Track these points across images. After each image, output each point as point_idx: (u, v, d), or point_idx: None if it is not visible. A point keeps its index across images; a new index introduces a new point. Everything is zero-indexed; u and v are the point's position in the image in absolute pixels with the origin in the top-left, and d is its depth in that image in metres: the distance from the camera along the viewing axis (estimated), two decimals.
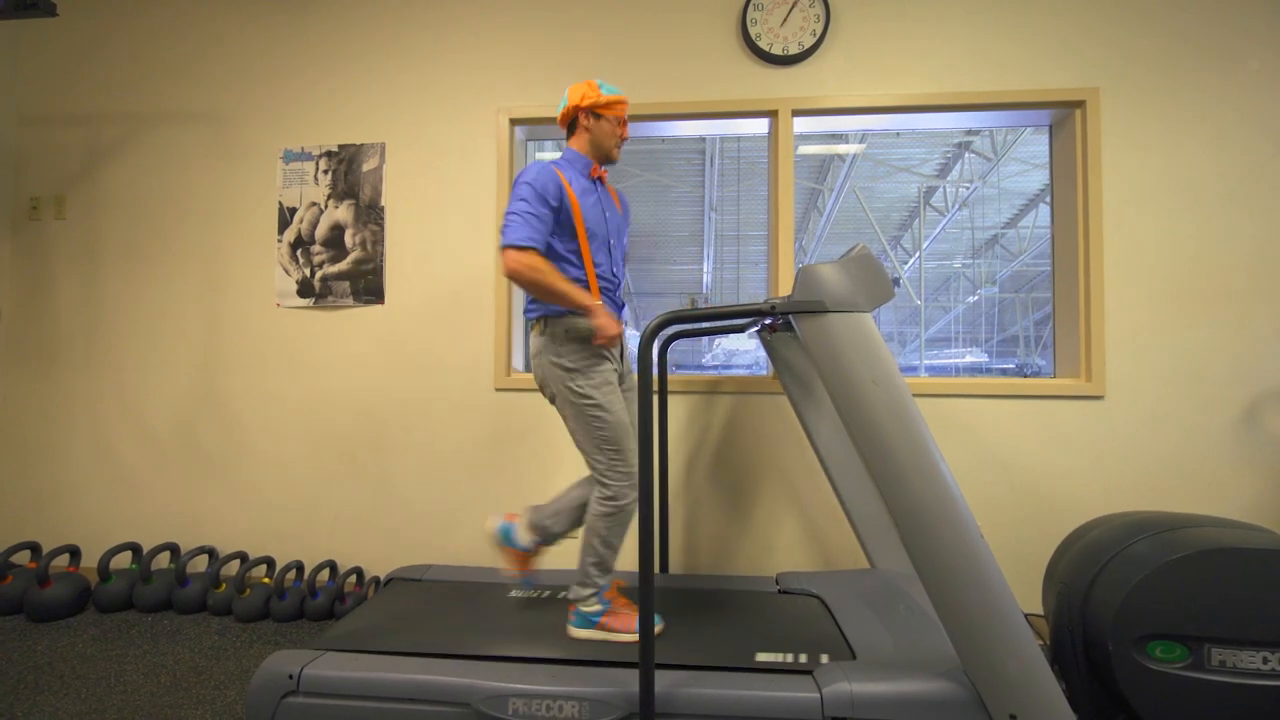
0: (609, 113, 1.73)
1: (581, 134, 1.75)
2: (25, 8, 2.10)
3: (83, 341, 2.62)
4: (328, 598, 2.28)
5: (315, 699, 1.41)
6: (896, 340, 9.70)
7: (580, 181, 1.72)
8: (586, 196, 1.72)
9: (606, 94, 1.72)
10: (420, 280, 2.50)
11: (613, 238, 1.77)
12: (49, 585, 2.27)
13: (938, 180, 6.57)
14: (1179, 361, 2.22)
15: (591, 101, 1.72)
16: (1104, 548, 1.52)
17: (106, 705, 1.70)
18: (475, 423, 2.45)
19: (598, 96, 1.72)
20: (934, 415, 2.30)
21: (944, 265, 8.34)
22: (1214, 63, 2.24)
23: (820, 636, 1.65)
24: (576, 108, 1.72)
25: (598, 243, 1.72)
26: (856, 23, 2.37)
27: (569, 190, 1.67)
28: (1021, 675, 1.24)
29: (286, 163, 2.55)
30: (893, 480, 1.29)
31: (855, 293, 1.34)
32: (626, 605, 1.73)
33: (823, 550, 2.34)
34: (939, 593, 1.28)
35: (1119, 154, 2.26)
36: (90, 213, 2.63)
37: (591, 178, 1.76)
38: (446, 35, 2.52)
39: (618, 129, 1.76)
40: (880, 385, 1.31)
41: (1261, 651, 1.32)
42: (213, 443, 2.56)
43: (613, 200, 1.82)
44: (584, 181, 1.73)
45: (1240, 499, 2.19)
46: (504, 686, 1.38)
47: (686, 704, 1.35)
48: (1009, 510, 2.27)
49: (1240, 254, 2.22)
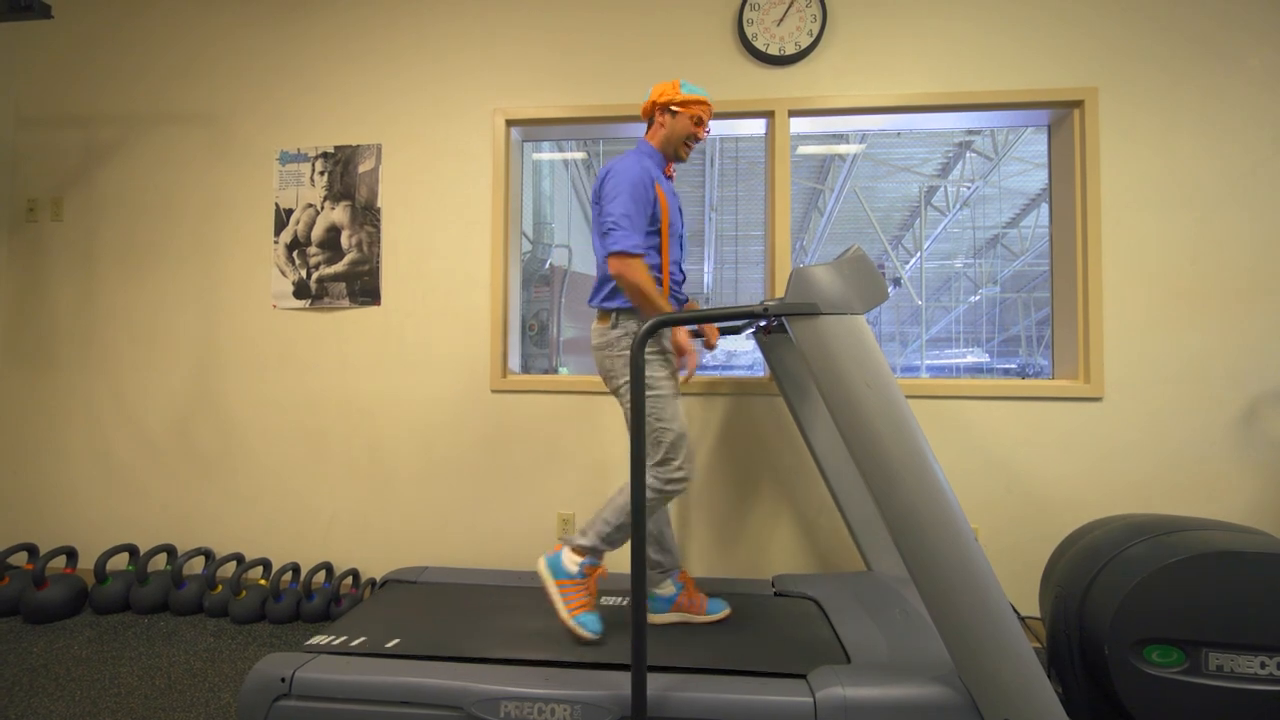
0: (685, 111, 1.74)
1: (657, 130, 1.78)
2: (20, 10, 2.10)
3: (79, 343, 2.62)
4: (323, 599, 2.27)
5: (307, 702, 1.41)
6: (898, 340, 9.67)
7: (662, 178, 1.76)
8: (668, 192, 1.77)
9: (686, 93, 1.74)
10: (416, 281, 2.49)
11: (683, 233, 1.83)
12: (45, 587, 2.27)
13: (939, 180, 6.55)
14: (1178, 362, 2.21)
15: (669, 98, 1.74)
16: (1101, 551, 1.51)
17: (101, 708, 1.70)
18: (471, 424, 2.45)
19: (675, 94, 1.74)
20: (931, 416, 2.29)
21: (945, 265, 8.32)
22: (1213, 61, 2.23)
23: (815, 640, 1.65)
24: (654, 103, 1.76)
25: (674, 239, 1.75)
26: (853, 22, 2.36)
27: (658, 186, 1.70)
28: (1016, 680, 1.23)
29: (283, 164, 2.55)
30: (886, 483, 1.29)
31: (848, 294, 1.34)
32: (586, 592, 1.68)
33: (819, 553, 2.33)
34: (933, 597, 1.27)
35: (1118, 154, 2.25)
36: (87, 214, 2.63)
37: (666, 175, 1.79)
38: (442, 36, 2.51)
39: (692, 128, 1.76)
40: (873, 387, 1.30)
41: (1259, 656, 1.31)
42: (209, 444, 2.56)
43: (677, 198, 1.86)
44: (664, 179, 1.77)
45: (1239, 501, 2.18)
46: (496, 690, 1.38)
47: (679, 707, 1.34)
48: (1006, 512, 2.26)
49: (1240, 253, 2.21)
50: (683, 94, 1.73)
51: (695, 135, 1.77)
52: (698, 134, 1.77)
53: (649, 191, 1.65)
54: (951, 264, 8.31)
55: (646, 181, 1.65)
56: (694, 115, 1.74)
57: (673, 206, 1.77)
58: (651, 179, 1.67)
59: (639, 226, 1.62)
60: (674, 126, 1.75)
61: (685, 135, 1.76)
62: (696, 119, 1.75)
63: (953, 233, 7.45)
